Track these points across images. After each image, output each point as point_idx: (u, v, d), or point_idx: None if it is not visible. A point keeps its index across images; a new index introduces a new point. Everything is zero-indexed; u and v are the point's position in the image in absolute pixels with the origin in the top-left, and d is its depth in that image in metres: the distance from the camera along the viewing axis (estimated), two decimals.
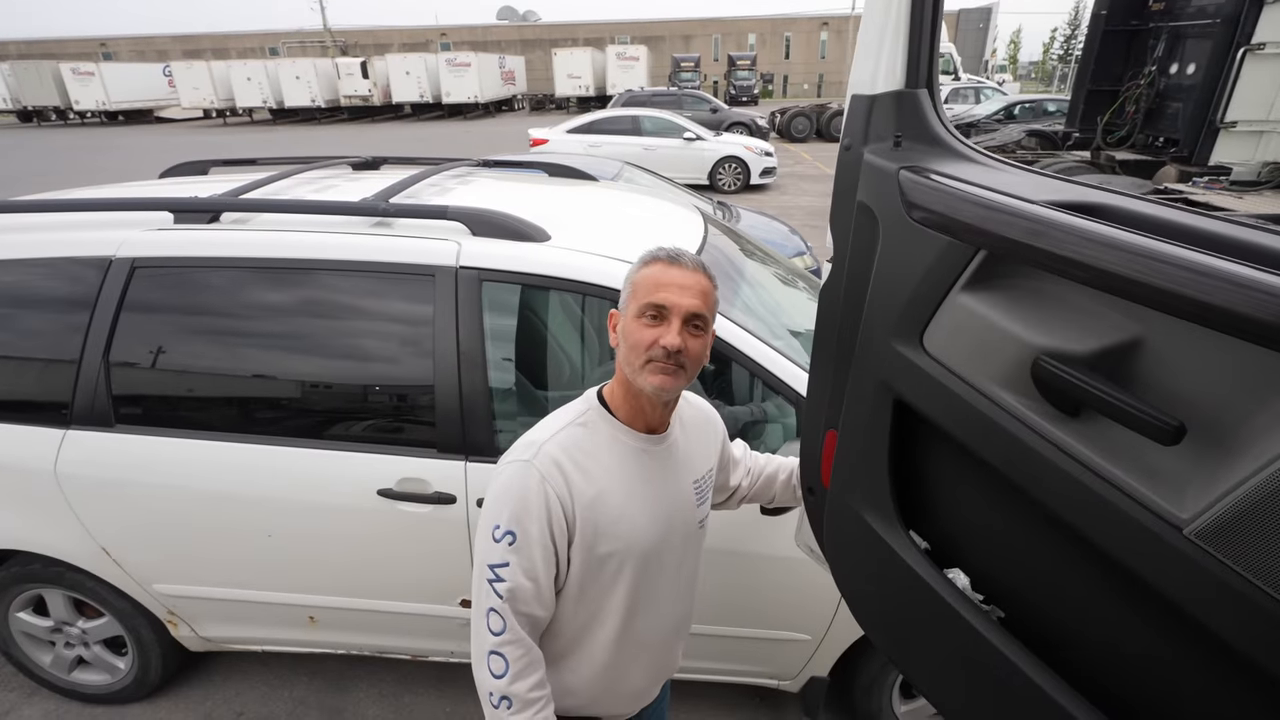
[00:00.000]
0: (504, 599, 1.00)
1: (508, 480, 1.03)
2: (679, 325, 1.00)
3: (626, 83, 27.55)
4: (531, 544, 1.01)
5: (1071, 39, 55.86)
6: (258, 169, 2.64)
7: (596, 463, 1.06)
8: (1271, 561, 0.55)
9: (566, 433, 1.07)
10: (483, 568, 1.02)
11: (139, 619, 2.06)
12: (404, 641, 2.06)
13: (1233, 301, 0.54)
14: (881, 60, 0.91)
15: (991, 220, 0.75)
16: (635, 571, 1.10)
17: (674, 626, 1.22)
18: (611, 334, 1.09)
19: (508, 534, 1.00)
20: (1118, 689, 0.74)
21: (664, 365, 1.00)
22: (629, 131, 10.88)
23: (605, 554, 1.06)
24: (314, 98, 28.78)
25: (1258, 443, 0.56)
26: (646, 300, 1.01)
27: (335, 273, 1.76)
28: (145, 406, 1.84)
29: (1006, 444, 0.76)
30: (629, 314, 1.04)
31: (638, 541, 1.08)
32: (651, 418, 1.10)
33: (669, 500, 1.13)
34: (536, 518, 1.01)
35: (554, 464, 1.03)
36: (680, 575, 1.20)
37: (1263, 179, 5.24)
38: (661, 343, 0.99)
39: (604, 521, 1.05)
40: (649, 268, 1.04)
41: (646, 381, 1.01)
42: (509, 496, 1.02)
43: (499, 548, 1.01)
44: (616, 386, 1.10)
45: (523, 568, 1.01)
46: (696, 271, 1.03)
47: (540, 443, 1.05)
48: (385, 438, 1.81)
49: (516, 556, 1.00)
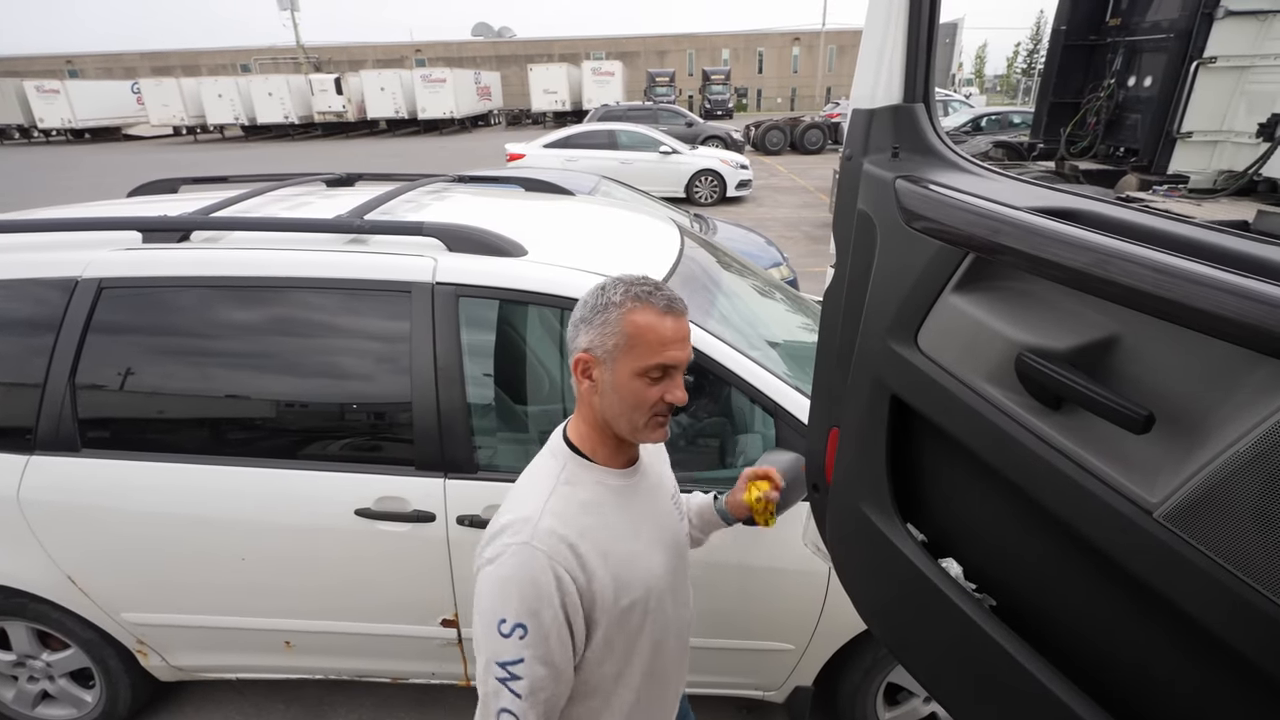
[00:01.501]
0: (522, 696, 0.92)
1: (511, 570, 0.93)
2: (680, 378, 0.98)
3: (602, 97, 27.75)
4: (546, 633, 0.93)
5: (1034, 53, 57.53)
6: (229, 186, 2.61)
7: (594, 518, 0.99)
8: (1230, 540, 0.58)
9: (556, 497, 0.98)
10: (491, 666, 0.93)
11: (107, 649, 2.00)
12: (384, 664, 2.03)
13: (1196, 299, 0.57)
14: (880, 77, 0.96)
15: (977, 225, 0.79)
16: (656, 609, 1.07)
17: (684, 644, 1.22)
18: (583, 381, 0.99)
19: (518, 627, 0.91)
20: (1102, 671, 0.77)
21: (664, 419, 0.99)
22: (605, 146, 10.95)
23: (628, 605, 1.01)
24: (287, 114, 28.53)
25: (1220, 430, 0.60)
26: (654, 362, 0.94)
27: (309, 290, 1.74)
28: (113, 430, 1.79)
29: (993, 436, 0.79)
30: (623, 370, 0.95)
31: (652, 579, 1.05)
32: (629, 454, 1.07)
33: (663, 526, 1.11)
34: (549, 603, 0.92)
35: (558, 539, 0.94)
36: (681, 593, 1.19)
37: (1218, 186, 5.42)
38: (668, 399, 0.96)
39: (622, 574, 1.00)
40: (641, 314, 0.94)
41: (649, 437, 0.99)
42: (514, 585, 0.92)
43: (509, 643, 0.91)
44: (590, 431, 1.03)
45: (539, 659, 0.93)
46: (684, 314, 0.98)
47: (534, 519, 0.95)
48: (362, 456, 1.78)
49: (531, 650, 0.92)
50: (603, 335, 0.95)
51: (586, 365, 0.98)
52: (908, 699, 2.02)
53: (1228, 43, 5.19)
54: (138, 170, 17.19)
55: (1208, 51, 5.25)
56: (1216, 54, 5.22)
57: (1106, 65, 6.48)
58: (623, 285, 0.96)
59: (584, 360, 0.97)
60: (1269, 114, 4.90)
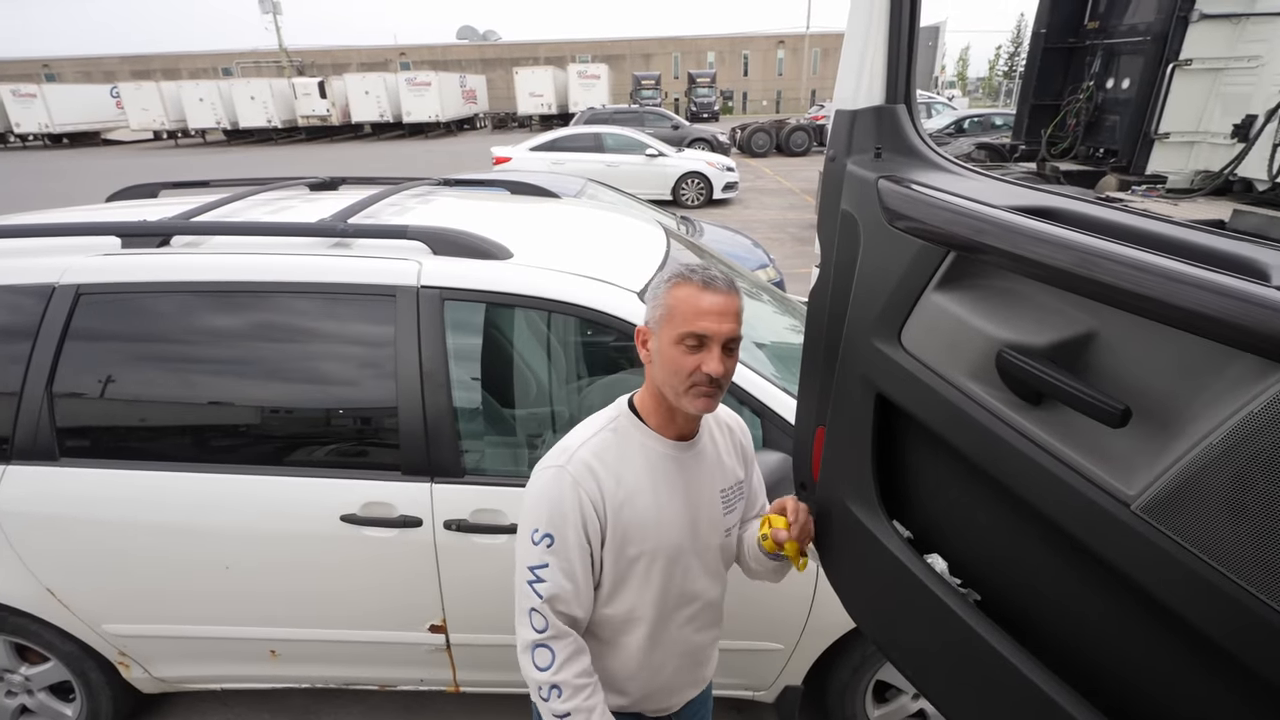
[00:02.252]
0: (544, 598, 1.05)
1: (543, 485, 1.08)
2: (719, 352, 1.03)
3: (588, 100, 27.74)
4: (569, 547, 1.06)
5: (1015, 56, 58.24)
6: (210, 191, 2.58)
7: (627, 466, 1.10)
8: (1204, 530, 0.59)
9: (599, 438, 1.11)
10: (523, 569, 1.07)
11: (87, 662, 1.97)
12: (371, 671, 2.01)
13: (1172, 295, 0.58)
14: (862, 78, 0.97)
15: (957, 224, 0.80)
16: (664, 572, 1.14)
17: (706, 626, 1.26)
18: (642, 350, 1.11)
19: (546, 536, 1.05)
20: (1085, 663, 0.77)
21: (707, 389, 1.04)
22: (592, 149, 10.95)
23: (634, 555, 1.11)
24: (270, 118, 28.27)
25: (1194, 423, 0.61)
26: (686, 329, 1.02)
27: (292, 295, 1.73)
28: (93, 439, 1.77)
29: (976, 432, 0.81)
30: (665, 338, 1.05)
31: (664, 543, 1.12)
32: (682, 426, 1.14)
33: (696, 505, 1.16)
34: (572, 522, 1.05)
35: (586, 468, 1.07)
36: (709, 579, 1.23)
37: (1195, 186, 5.51)
38: (705, 369, 1.02)
39: (633, 524, 1.09)
40: (682, 289, 1.04)
41: (691, 405, 1.05)
42: (545, 500, 1.06)
43: (538, 550, 1.05)
44: (648, 397, 1.14)
45: (562, 569, 1.05)
46: (730, 294, 1.04)
47: (573, 449, 1.09)
48: (347, 462, 1.77)
49: (555, 558, 1.05)
50: (653, 309, 1.07)
51: (644, 337, 1.10)
52: (896, 696, 2.03)
53: (1202, 45, 5.28)
54: (117, 175, 16.96)
55: (1183, 54, 5.34)
56: (1192, 56, 5.32)
57: (1085, 68, 6.58)
58: (675, 266, 1.08)
59: (641, 332, 1.11)
60: (1243, 115, 5.00)
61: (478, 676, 1.98)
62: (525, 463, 1.91)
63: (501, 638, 1.71)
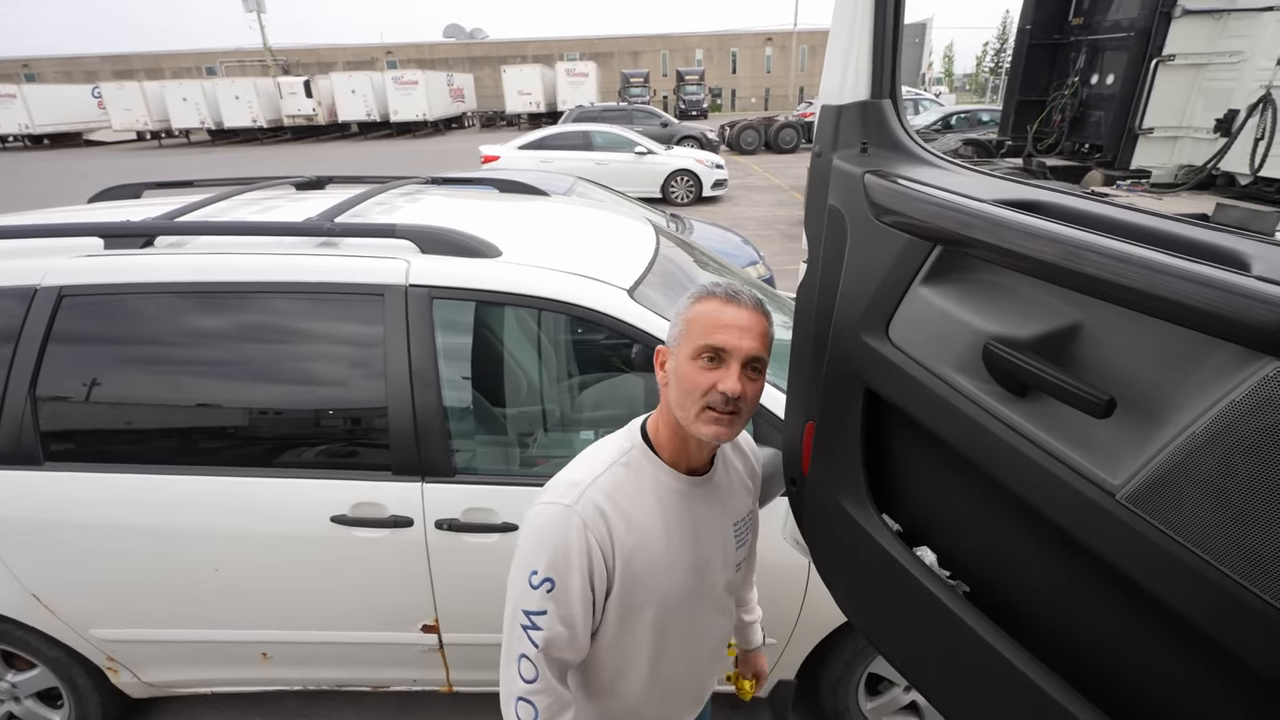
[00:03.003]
0: (539, 647, 0.96)
1: (548, 524, 0.98)
2: (738, 369, 0.94)
3: (577, 98, 27.68)
4: (571, 593, 0.96)
5: (1001, 52, 58.64)
6: (195, 191, 2.55)
7: (638, 508, 1.02)
8: (1189, 518, 0.60)
9: (610, 474, 1.02)
10: (517, 612, 0.97)
11: (75, 668, 1.94)
12: (364, 673, 2.00)
13: (1156, 286, 0.58)
14: (847, 74, 0.97)
15: (943, 217, 0.81)
16: (669, 618, 1.07)
17: (708, 664, 1.22)
18: (660, 372, 1.03)
19: (546, 580, 0.96)
20: (1072, 651, 0.78)
21: (720, 414, 0.95)
22: (580, 147, 10.93)
23: (641, 601, 1.03)
24: (255, 118, 28.02)
25: (1178, 413, 0.61)
26: (704, 342, 0.94)
27: (279, 295, 1.71)
28: (78, 442, 1.75)
29: (964, 424, 0.81)
30: (682, 354, 0.97)
31: (674, 590, 1.05)
32: (696, 459, 1.06)
33: (708, 544, 1.09)
34: (578, 568, 0.96)
35: (597, 511, 0.98)
36: (717, 617, 1.17)
37: (1179, 180, 5.58)
38: (720, 388, 0.93)
39: (642, 571, 1.01)
40: (703, 304, 0.97)
41: (701, 431, 0.96)
42: (549, 542, 0.96)
43: (536, 594, 0.96)
44: (661, 424, 1.05)
45: (560, 615, 0.97)
46: (756, 311, 0.97)
47: (583, 485, 1.00)
48: (337, 463, 1.76)
49: (554, 605, 0.96)
50: (674, 327, 1.01)
51: (663, 358, 1.03)
52: (889, 688, 2.04)
53: (1185, 41, 5.34)
54: (100, 176, 16.76)
55: (1166, 49, 5.40)
56: (1175, 52, 5.37)
57: (1070, 64, 6.64)
58: (700, 286, 1.01)
59: (661, 352, 1.04)
60: (1225, 110, 5.06)
61: (471, 676, 1.97)
62: (517, 461, 1.91)
63: (495, 637, 1.69)
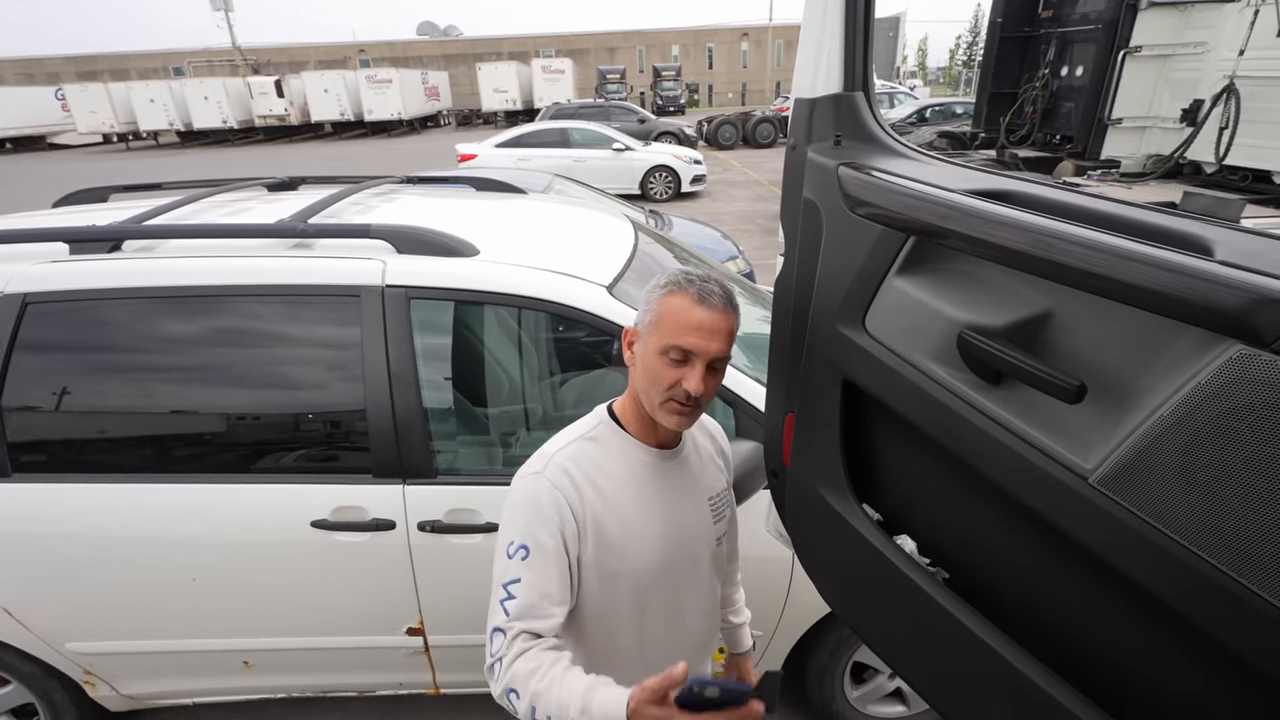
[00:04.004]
0: (510, 616, 0.97)
1: (519, 494, 1.03)
2: (702, 370, 0.98)
3: (553, 95, 27.51)
4: (546, 555, 0.99)
5: (973, 45, 59.30)
6: (164, 194, 2.50)
7: (607, 476, 1.05)
8: (1158, 500, 0.61)
9: (576, 445, 1.06)
10: (497, 587, 1.00)
11: (51, 682, 1.90)
12: (349, 678, 1.98)
13: (1118, 271, 0.59)
14: (820, 67, 0.98)
15: (915, 208, 0.82)
16: (650, 590, 1.08)
17: (697, 642, 1.22)
18: (627, 351, 1.07)
19: (521, 549, 0.99)
20: (1050, 632, 0.80)
21: (682, 407, 0.99)
22: (558, 144, 10.87)
23: (615, 571, 1.05)
24: (226, 119, 27.47)
25: (1146, 397, 0.62)
26: (673, 341, 0.97)
27: (252, 298, 1.68)
28: (48, 452, 1.71)
29: (940, 412, 0.82)
30: (650, 344, 1.00)
31: (649, 559, 1.06)
32: (663, 434, 1.09)
33: (683, 516, 1.11)
34: (548, 524, 1.00)
35: (563, 473, 1.03)
36: (699, 593, 1.18)
37: (1148, 170, 5.68)
38: (685, 386, 0.97)
39: (614, 536, 1.03)
40: (675, 298, 0.98)
41: (664, 419, 1.01)
42: (521, 509, 1.01)
43: (512, 564, 0.99)
44: (628, 402, 1.09)
45: (535, 583, 0.98)
46: (724, 311, 0.99)
47: (550, 455, 1.05)
48: (316, 467, 1.74)
49: (529, 572, 0.98)
50: (643, 312, 1.03)
51: (631, 338, 1.06)
52: (874, 676, 2.07)
53: (1151, 32, 5.43)
54: (65, 180, 16.32)
55: (1133, 41, 5.48)
56: (1141, 43, 5.46)
57: (1041, 56, 6.72)
58: (673, 273, 1.03)
59: (629, 333, 1.07)
60: (1190, 100, 5.15)
61: (458, 677, 1.96)
62: (499, 461, 1.90)
63: (481, 638, 1.69)
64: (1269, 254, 0.56)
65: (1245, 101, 4.63)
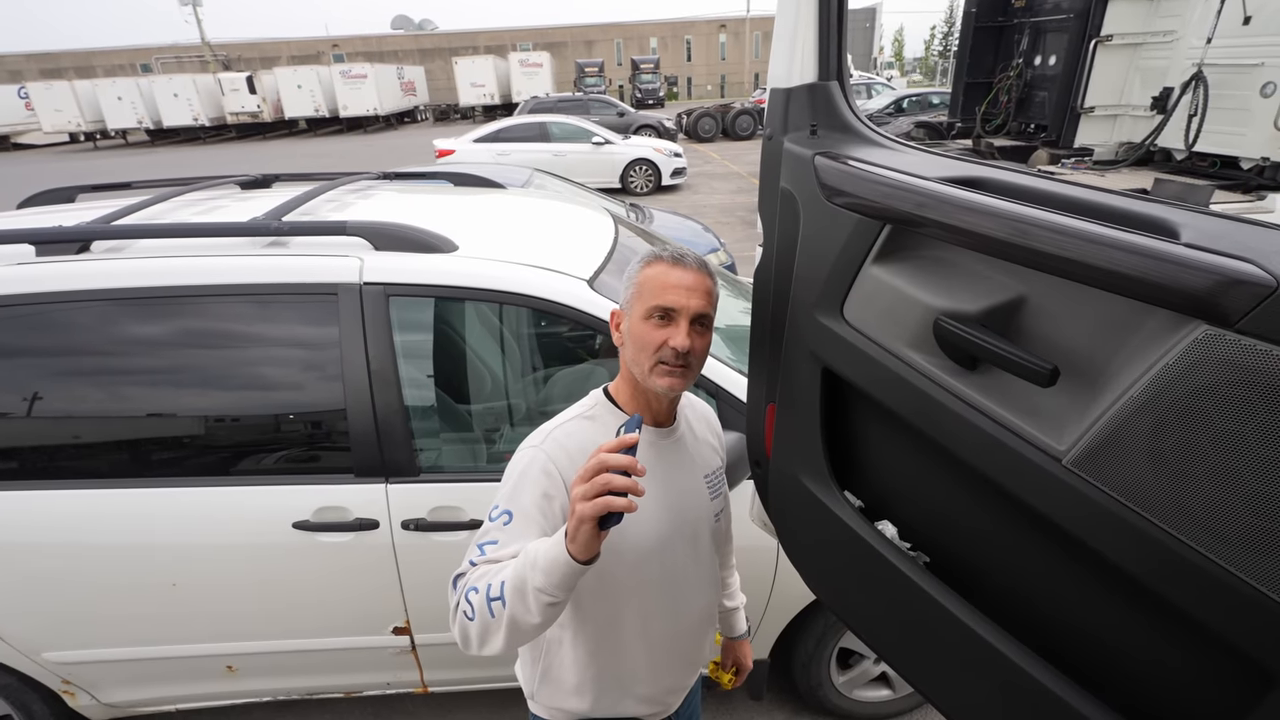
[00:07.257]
0: (475, 565, 0.97)
1: (515, 465, 1.06)
2: (687, 326, 1.02)
3: (531, 89, 27.31)
4: (528, 522, 0.99)
5: (949, 35, 59.76)
6: (133, 193, 2.45)
7: None
8: (1128, 479, 0.62)
9: (574, 423, 1.09)
10: (472, 547, 1.00)
11: (28, 693, 1.87)
12: (336, 679, 1.97)
13: (1087, 255, 0.60)
14: (794, 56, 0.98)
15: (891, 196, 0.82)
16: (648, 562, 1.10)
17: (700, 619, 1.23)
18: (615, 333, 1.11)
19: (504, 514, 1.01)
20: (1028, 611, 0.81)
21: (673, 367, 1.02)
22: (537, 138, 10.80)
23: (613, 544, 1.03)
24: (196, 116, 26.91)
25: (1116, 378, 0.64)
26: (655, 303, 1.02)
27: (226, 298, 1.66)
28: (18, 460, 1.67)
29: (917, 399, 0.83)
30: (635, 315, 1.05)
31: (647, 532, 1.08)
32: (658, 412, 1.11)
33: (680, 493, 1.14)
34: (532, 487, 1.01)
35: (560, 447, 1.05)
36: (700, 569, 1.20)
37: (1120, 157, 5.77)
38: (671, 344, 1.01)
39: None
40: (652, 268, 1.04)
41: (656, 383, 1.03)
42: (511, 477, 1.04)
43: (493, 527, 1.00)
44: (622, 384, 1.12)
45: (509, 547, 0.97)
46: (700, 272, 1.04)
47: (549, 431, 1.08)
48: (297, 468, 1.72)
49: (505, 534, 0.99)
50: (625, 291, 1.07)
51: (618, 320, 1.10)
52: (859, 661, 2.09)
53: (1121, 21, 5.50)
54: (30, 180, 15.91)
55: (1104, 30, 5.55)
56: (1112, 32, 5.53)
57: (1015, 45, 6.79)
58: (647, 251, 1.08)
59: (615, 315, 1.11)
60: (1160, 88, 5.23)
61: (446, 675, 1.96)
62: (483, 458, 1.89)
63: None
64: (1234, 236, 0.57)
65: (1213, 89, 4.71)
